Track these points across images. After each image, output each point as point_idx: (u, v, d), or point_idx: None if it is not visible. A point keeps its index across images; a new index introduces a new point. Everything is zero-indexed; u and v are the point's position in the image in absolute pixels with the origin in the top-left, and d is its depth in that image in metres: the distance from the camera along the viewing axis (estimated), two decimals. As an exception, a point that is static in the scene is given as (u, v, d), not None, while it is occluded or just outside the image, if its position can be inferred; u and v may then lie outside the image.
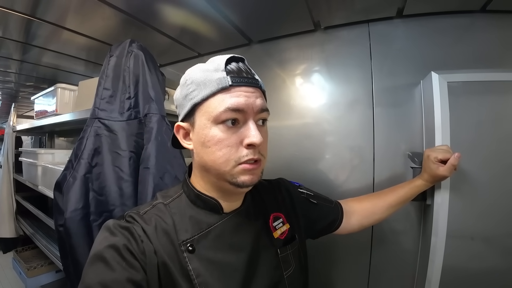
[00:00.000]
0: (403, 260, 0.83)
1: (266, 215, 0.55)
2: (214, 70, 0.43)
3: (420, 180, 0.70)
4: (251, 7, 0.82)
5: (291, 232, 0.56)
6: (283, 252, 0.52)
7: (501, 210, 0.71)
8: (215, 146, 0.43)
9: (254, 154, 0.43)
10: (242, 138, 0.43)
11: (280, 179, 0.67)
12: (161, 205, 0.48)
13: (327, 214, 0.65)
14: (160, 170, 0.76)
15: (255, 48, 1.08)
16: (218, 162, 0.43)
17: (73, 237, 0.73)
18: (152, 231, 0.43)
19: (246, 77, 0.44)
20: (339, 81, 0.93)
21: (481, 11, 0.77)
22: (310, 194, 0.65)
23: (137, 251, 0.40)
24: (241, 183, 0.43)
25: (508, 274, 0.71)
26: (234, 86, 0.42)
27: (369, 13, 0.84)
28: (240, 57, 0.46)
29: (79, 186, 0.74)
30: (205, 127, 0.43)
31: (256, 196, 0.57)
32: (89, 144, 0.77)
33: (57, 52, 1.24)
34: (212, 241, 0.46)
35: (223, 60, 0.43)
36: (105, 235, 0.42)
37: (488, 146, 0.72)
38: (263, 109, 0.44)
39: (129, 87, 0.82)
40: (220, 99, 0.42)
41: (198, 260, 0.43)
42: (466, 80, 0.73)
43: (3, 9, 0.86)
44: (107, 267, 0.38)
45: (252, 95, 0.43)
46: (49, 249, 1.41)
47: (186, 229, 0.45)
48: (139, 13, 0.88)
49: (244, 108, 0.42)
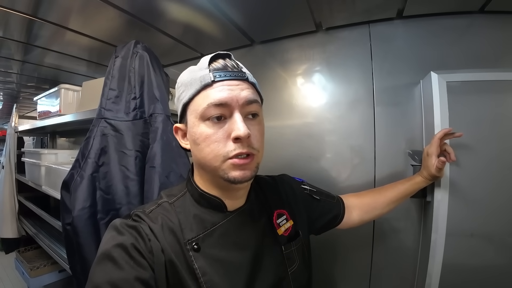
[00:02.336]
0: (404, 256, 0.84)
1: (270, 212, 0.55)
2: (199, 69, 0.44)
3: (420, 177, 0.71)
4: (254, 8, 0.83)
5: (295, 228, 0.57)
6: (288, 249, 0.53)
7: (500, 207, 0.73)
8: (204, 143, 0.43)
9: (242, 148, 0.42)
10: (229, 132, 0.42)
11: (283, 175, 0.67)
12: (166, 204, 0.48)
13: (330, 210, 0.66)
14: (166, 169, 0.77)
15: (258, 49, 1.09)
16: (207, 158, 0.43)
17: (80, 236, 0.74)
18: (158, 229, 0.44)
19: (230, 71, 0.44)
20: (340, 81, 0.94)
21: (479, 12, 0.79)
22: (313, 190, 0.66)
23: (144, 249, 0.41)
24: (232, 178, 0.42)
25: (508, 270, 0.72)
26: (217, 81, 0.42)
27: (369, 14, 0.86)
28: (225, 53, 0.46)
29: (86, 185, 0.75)
30: (194, 125, 0.44)
31: (259, 194, 0.57)
32: (95, 144, 0.78)
33: (59, 53, 1.24)
34: (217, 240, 0.46)
35: (207, 58, 0.44)
36: (113, 234, 0.42)
37: (487, 145, 0.73)
38: (250, 100, 0.43)
39: (134, 88, 0.83)
40: (204, 95, 0.43)
41: (204, 259, 0.44)
42: (465, 80, 0.74)
43: (4, 9, 0.85)
44: (115, 266, 0.38)
45: (237, 88, 0.43)
46: (52, 248, 1.41)
47: (191, 228, 0.46)
48: (143, 14, 0.89)
49: (228, 101, 0.41)
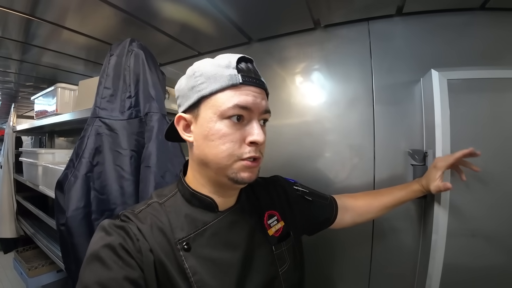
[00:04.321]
0: (404, 256, 0.83)
1: (261, 213, 0.55)
2: (226, 66, 0.44)
3: (417, 185, 0.71)
4: (251, 6, 0.82)
5: (286, 229, 0.57)
6: (278, 249, 0.53)
7: (502, 207, 0.71)
8: (219, 140, 0.43)
9: (255, 152, 0.45)
10: (246, 135, 0.44)
11: (275, 177, 0.67)
12: (156, 204, 0.48)
13: (322, 211, 0.66)
14: (161, 168, 0.76)
15: (255, 47, 1.08)
16: (220, 156, 0.44)
17: (74, 236, 0.73)
18: (147, 229, 0.44)
19: (254, 77, 0.45)
20: (339, 79, 0.93)
21: (480, 9, 0.77)
22: (305, 191, 0.66)
23: (133, 249, 0.41)
24: (240, 179, 0.45)
25: (508, 270, 0.71)
26: (244, 84, 0.44)
27: (369, 11, 0.85)
28: (249, 58, 0.47)
29: (80, 185, 0.74)
30: (211, 120, 0.44)
31: (250, 194, 0.57)
32: (90, 143, 0.77)
33: (57, 52, 1.24)
34: (208, 239, 0.46)
35: (234, 58, 0.45)
36: (101, 235, 0.43)
37: (488, 143, 0.72)
38: (266, 110, 0.47)
39: (129, 86, 0.82)
40: (230, 95, 0.43)
41: (194, 258, 0.44)
42: (466, 78, 0.73)
43: (2, 8, 0.85)
44: (104, 266, 0.39)
45: (259, 96, 0.45)
46: (50, 249, 1.41)
47: (181, 227, 0.46)
48: (139, 12, 0.88)
49: (252, 107, 0.44)
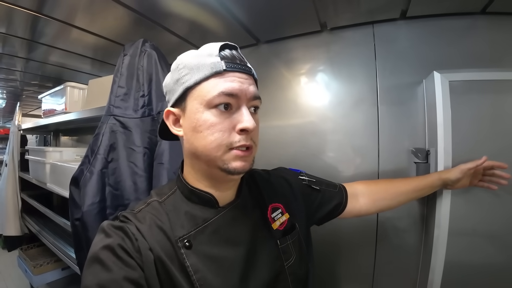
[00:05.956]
0: (407, 253, 0.86)
1: (264, 207, 0.54)
2: (208, 55, 0.43)
3: (436, 175, 0.70)
4: (260, 8, 0.84)
5: (291, 222, 0.55)
6: (283, 243, 0.52)
7: (503, 206, 0.74)
8: (207, 131, 0.42)
9: (246, 140, 0.43)
10: (235, 123, 0.42)
11: (279, 168, 0.66)
12: (155, 203, 0.48)
13: (331, 199, 0.64)
14: (174, 165, 0.78)
15: (263, 48, 1.10)
16: (209, 147, 0.42)
17: (90, 230, 0.75)
18: (146, 229, 0.43)
19: (239, 63, 0.44)
20: (344, 80, 0.96)
21: (481, 13, 0.80)
22: (312, 181, 0.64)
23: (132, 249, 0.41)
24: (233, 169, 0.43)
25: (509, 267, 0.73)
26: (228, 71, 0.42)
27: (373, 14, 0.87)
28: (233, 45, 0.46)
29: (96, 180, 0.76)
30: (197, 111, 0.43)
31: (253, 188, 0.56)
32: (105, 140, 0.79)
33: (64, 51, 1.23)
34: (209, 236, 0.45)
35: (217, 46, 0.44)
36: (100, 237, 0.42)
37: (489, 143, 0.74)
38: (255, 96, 0.45)
39: (143, 85, 0.84)
40: (214, 83, 0.42)
41: (196, 256, 0.43)
42: (467, 79, 0.75)
43: (8, 4, 0.83)
44: (104, 268, 0.38)
45: (246, 81, 0.44)
46: (56, 246, 1.42)
47: (182, 225, 0.45)
48: (150, 12, 0.89)
49: (238, 93, 0.42)
